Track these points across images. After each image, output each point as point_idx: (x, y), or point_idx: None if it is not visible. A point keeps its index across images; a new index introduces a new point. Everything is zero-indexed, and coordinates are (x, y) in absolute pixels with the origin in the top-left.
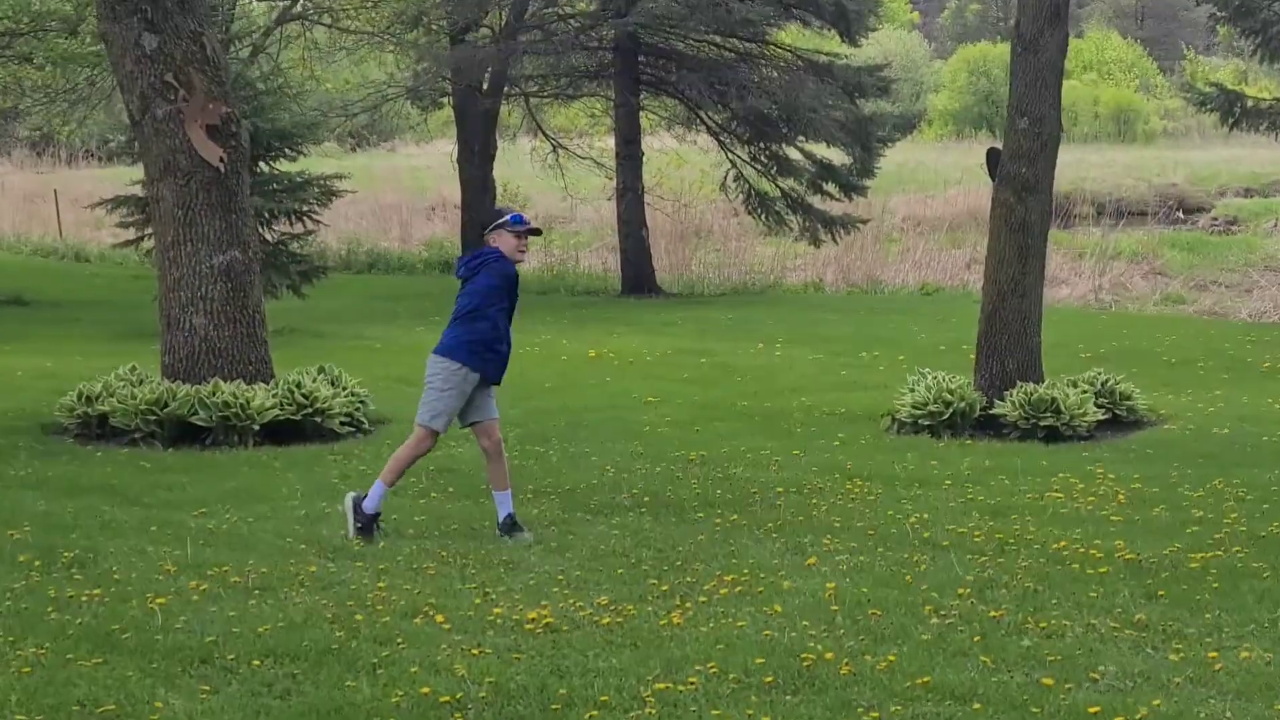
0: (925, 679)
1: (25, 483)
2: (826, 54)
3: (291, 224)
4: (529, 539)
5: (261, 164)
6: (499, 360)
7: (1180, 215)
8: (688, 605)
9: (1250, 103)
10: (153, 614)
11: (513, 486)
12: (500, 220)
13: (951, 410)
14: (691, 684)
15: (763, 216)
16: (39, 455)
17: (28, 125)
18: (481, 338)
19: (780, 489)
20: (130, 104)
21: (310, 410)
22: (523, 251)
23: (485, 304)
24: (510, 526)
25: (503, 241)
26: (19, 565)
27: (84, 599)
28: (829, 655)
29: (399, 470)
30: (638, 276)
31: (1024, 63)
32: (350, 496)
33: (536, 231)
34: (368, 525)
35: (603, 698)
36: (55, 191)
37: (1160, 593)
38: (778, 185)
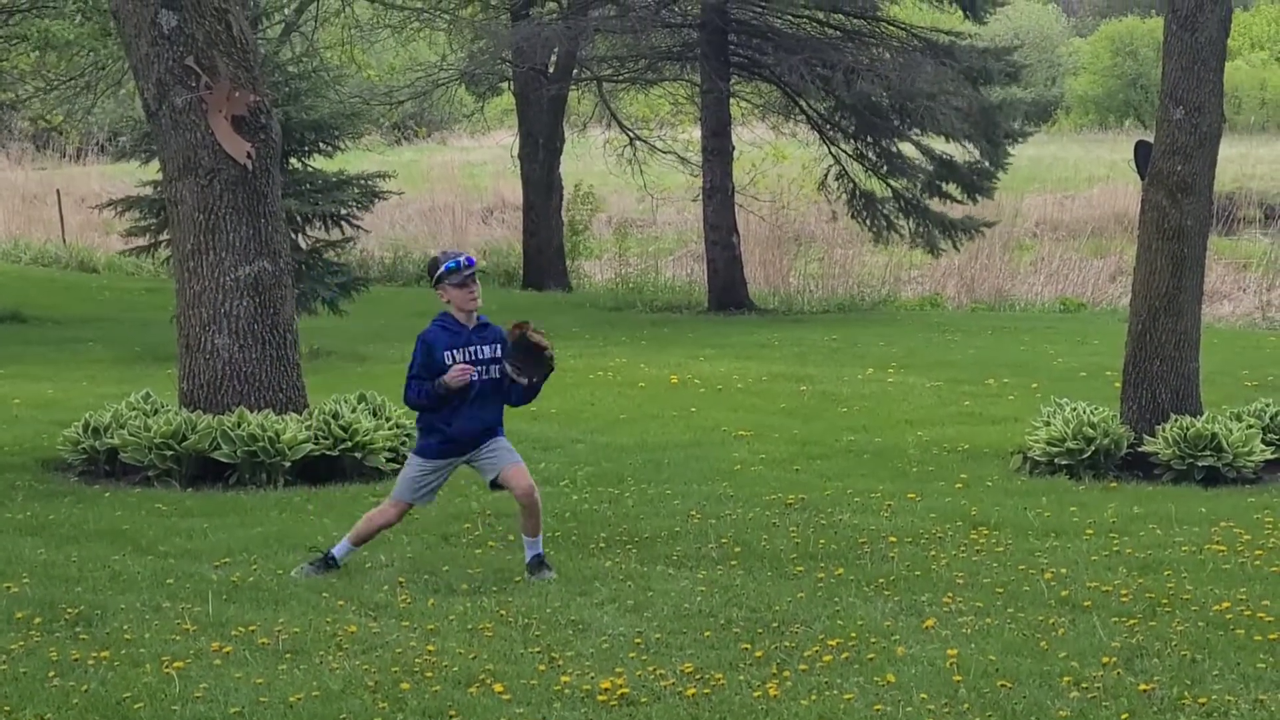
0: None
1: (23, 527)
2: (947, 32)
3: (328, 229)
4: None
5: (294, 160)
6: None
7: None
8: (785, 674)
9: None
10: (169, 680)
11: (582, 534)
12: (438, 274)
13: (1094, 447)
14: None
15: (868, 220)
16: (39, 496)
17: (26, 115)
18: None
19: (893, 538)
20: (145, 92)
21: (349, 445)
22: (472, 298)
23: None
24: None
25: (451, 296)
26: (16, 623)
27: (90, 662)
28: None
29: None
30: (727, 290)
31: (1179, 42)
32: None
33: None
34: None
35: None
36: (58, 191)
37: None
38: (889, 185)
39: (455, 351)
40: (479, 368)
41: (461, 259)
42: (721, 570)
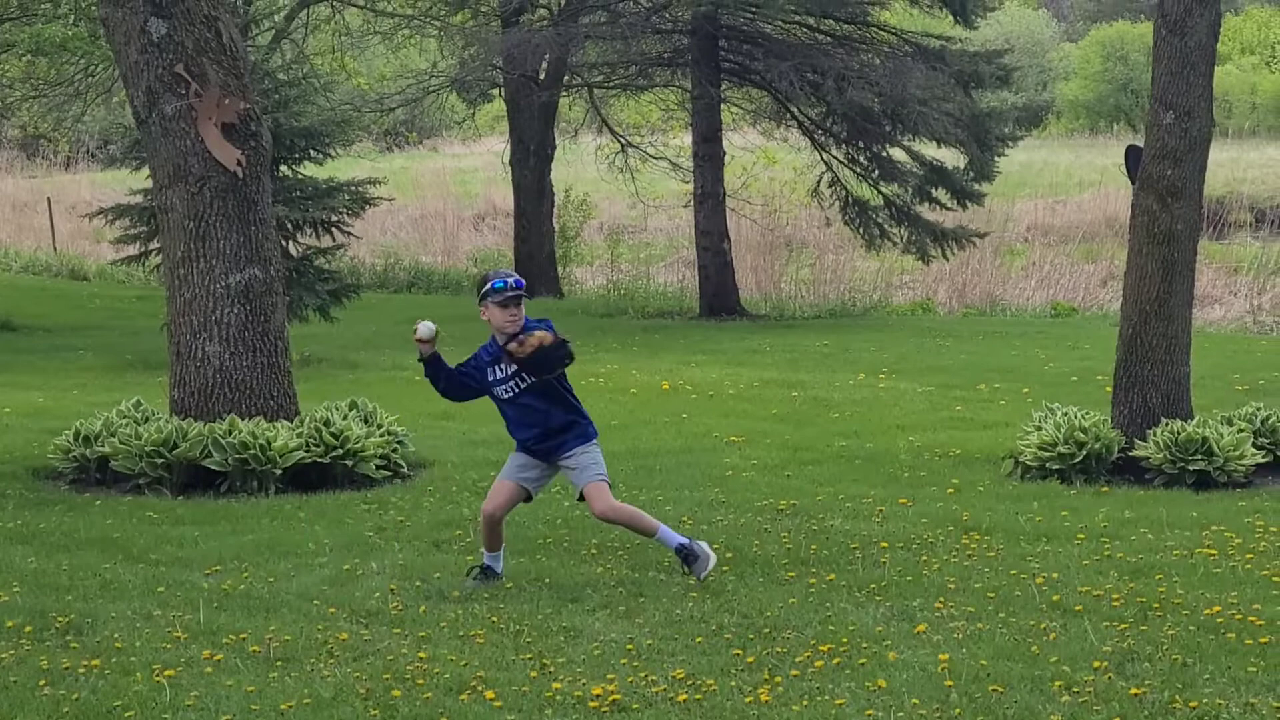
0: None
1: (14, 536)
2: (938, 37)
3: (319, 236)
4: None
5: (284, 167)
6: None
7: None
8: (777, 680)
9: None
10: (160, 688)
11: (573, 541)
12: (484, 290)
13: (1085, 452)
14: None
15: (861, 228)
16: (29, 504)
17: (16, 123)
18: None
19: (884, 544)
20: (135, 100)
21: (340, 452)
22: (512, 321)
23: None
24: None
25: (491, 315)
26: (7, 632)
27: (81, 670)
28: None
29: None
30: (719, 295)
31: (1168, 46)
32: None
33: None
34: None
35: None
36: (49, 199)
37: None
38: (880, 191)
39: (497, 367)
40: (509, 382)
41: (510, 280)
42: (713, 576)
